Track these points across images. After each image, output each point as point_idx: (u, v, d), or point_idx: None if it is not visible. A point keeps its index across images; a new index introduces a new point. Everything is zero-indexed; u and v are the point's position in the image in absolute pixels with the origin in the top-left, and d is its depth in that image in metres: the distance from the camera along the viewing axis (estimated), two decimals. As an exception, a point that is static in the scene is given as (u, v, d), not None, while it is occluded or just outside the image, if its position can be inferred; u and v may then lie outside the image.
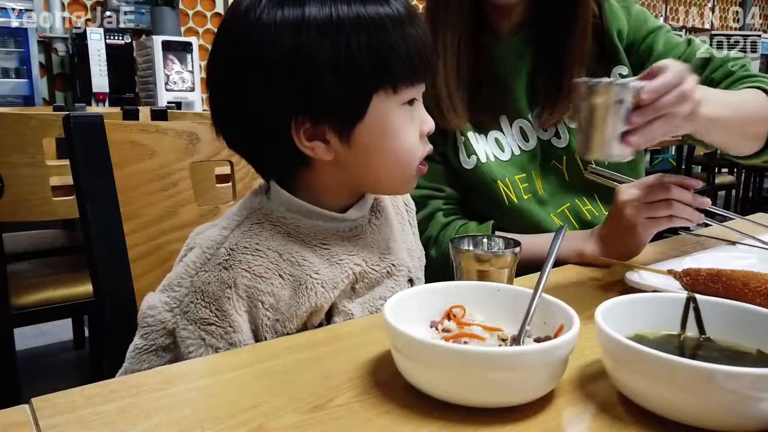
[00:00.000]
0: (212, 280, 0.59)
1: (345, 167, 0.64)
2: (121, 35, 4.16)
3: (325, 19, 0.58)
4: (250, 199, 0.68)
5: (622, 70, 1.01)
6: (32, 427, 0.43)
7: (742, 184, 5.11)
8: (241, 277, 0.60)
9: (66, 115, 0.74)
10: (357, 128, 0.62)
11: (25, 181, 1.45)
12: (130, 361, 0.62)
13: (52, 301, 1.56)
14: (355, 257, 0.67)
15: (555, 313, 0.52)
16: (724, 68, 0.95)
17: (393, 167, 0.65)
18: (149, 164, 0.81)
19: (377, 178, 0.66)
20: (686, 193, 0.79)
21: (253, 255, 0.61)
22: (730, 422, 0.42)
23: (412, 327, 0.51)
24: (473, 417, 0.44)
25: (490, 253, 0.66)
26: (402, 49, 0.60)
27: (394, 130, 0.63)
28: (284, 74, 0.59)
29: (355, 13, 0.59)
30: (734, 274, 0.65)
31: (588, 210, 1.03)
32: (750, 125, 0.83)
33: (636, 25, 1.02)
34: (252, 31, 0.59)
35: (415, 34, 0.62)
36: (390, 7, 0.61)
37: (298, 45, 0.58)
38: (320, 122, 0.61)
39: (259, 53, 0.59)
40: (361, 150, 0.63)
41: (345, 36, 0.58)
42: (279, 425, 0.43)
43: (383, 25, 0.60)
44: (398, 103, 0.63)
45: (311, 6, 0.58)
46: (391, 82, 0.61)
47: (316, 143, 0.62)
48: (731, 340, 0.51)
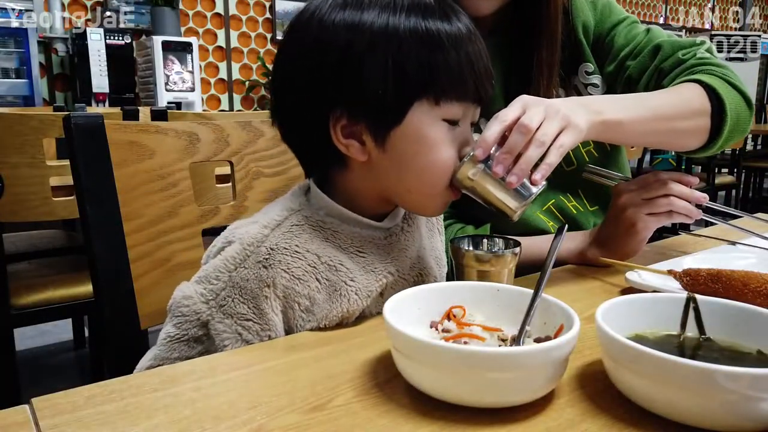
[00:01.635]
0: (251, 278, 0.60)
1: (378, 172, 0.65)
2: (121, 35, 4.16)
3: (381, 25, 0.60)
4: (290, 199, 0.68)
5: (587, 67, 1.01)
6: (32, 427, 0.43)
7: (742, 184, 5.11)
8: (279, 278, 0.60)
9: (66, 116, 0.73)
10: (393, 132, 0.62)
11: (25, 181, 1.45)
12: (162, 348, 0.62)
13: (52, 301, 1.56)
14: (389, 266, 0.67)
15: (555, 313, 0.52)
16: (675, 57, 0.92)
17: (423, 179, 0.64)
18: (149, 164, 0.81)
19: (407, 188, 0.65)
20: (684, 189, 0.79)
21: (292, 256, 0.62)
22: (730, 422, 0.42)
23: (412, 327, 0.51)
24: (473, 417, 0.44)
25: (490, 253, 0.66)
26: (453, 66, 0.61)
27: (430, 142, 0.63)
28: (331, 67, 0.61)
29: (412, 24, 0.60)
30: (734, 275, 0.65)
31: (573, 206, 1.03)
32: (677, 120, 0.81)
33: (601, 19, 1.01)
34: (311, 27, 0.63)
35: (472, 54, 0.62)
36: (450, 25, 0.62)
37: (350, 43, 0.60)
38: (358, 121, 0.62)
39: (313, 46, 0.62)
40: (394, 156, 0.63)
41: (396, 44, 0.60)
42: (279, 425, 0.43)
43: (439, 41, 0.61)
44: (439, 117, 0.62)
45: (371, 12, 0.61)
46: (435, 95, 0.61)
47: (352, 141, 0.63)
48: (731, 340, 0.51)
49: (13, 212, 1.46)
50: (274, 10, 5.16)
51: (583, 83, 1.02)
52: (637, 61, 0.95)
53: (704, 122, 0.84)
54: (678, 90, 0.85)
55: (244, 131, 0.93)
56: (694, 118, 0.83)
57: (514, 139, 0.62)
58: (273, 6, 5.16)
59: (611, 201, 0.86)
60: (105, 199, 0.76)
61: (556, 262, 0.60)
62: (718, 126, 0.84)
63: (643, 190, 0.81)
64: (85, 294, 1.59)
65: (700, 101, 0.83)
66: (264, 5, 5.16)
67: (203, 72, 4.88)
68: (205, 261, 0.66)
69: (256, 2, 5.12)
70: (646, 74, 0.94)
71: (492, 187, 0.63)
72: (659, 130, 0.80)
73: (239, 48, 5.08)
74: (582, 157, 1.01)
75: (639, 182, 0.82)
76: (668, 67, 0.92)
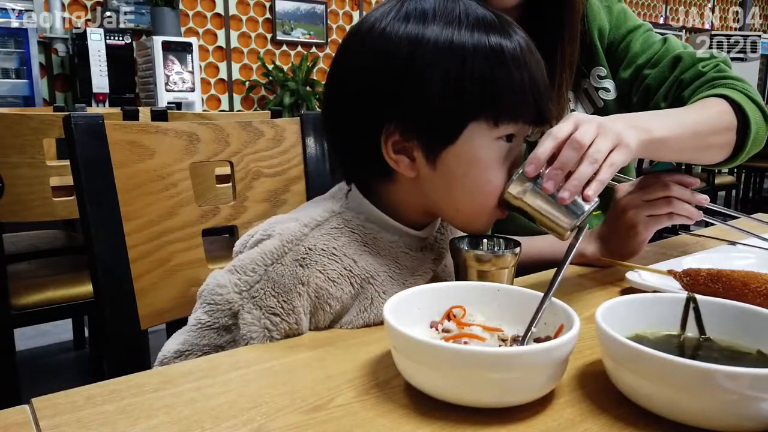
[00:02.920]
0: (287, 274, 0.60)
1: (426, 189, 0.64)
2: (121, 36, 4.16)
3: (444, 40, 0.59)
4: (331, 201, 0.68)
5: (600, 71, 1.01)
6: (32, 427, 0.43)
7: (742, 184, 5.11)
8: (314, 277, 0.61)
9: (66, 116, 0.74)
10: (445, 151, 0.61)
11: (25, 181, 1.45)
12: (191, 334, 0.62)
13: (52, 301, 1.56)
14: (419, 279, 0.67)
15: (555, 313, 0.52)
16: (695, 69, 0.93)
17: (472, 199, 0.64)
18: (149, 164, 0.81)
19: (456, 207, 0.65)
20: (685, 191, 0.80)
21: (329, 258, 0.62)
22: (730, 422, 0.42)
23: (412, 327, 0.51)
24: (473, 417, 0.44)
25: (491, 253, 0.66)
26: (515, 84, 0.60)
27: (483, 163, 0.62)
28: (390, 79, 0.60)
29: (476, 40, 0.59)
30: (734, 275, 0.65)
31: None
32: (711, 137, 0.82)
33: (617, 24, 1.01)
34: (372, 37, 0.62)
35: (533, 72, 0.62)
36: (511, 41, 0.61)
37: (411, 56, 0.59)
38: (410, 137, 0.62)
39: (373, 56, 0.61)
40: (444, 174, 0.62)
41: (460, 60, 0.59)
42: (279, 425, 0.43)
43: (501, 58, 0.60)
44: (494, 137, 0.62)
45: (435, 25, 0.60)
46: (494, 115, 0.60)
47: (402, 157, 0.63)
48: (731, 340, 0.51)
49: (13, 212, 1.47)
50: (274, 11, 5.16)
51: (594, 87, 1.02)
52: (657, 71, 0.96)
53: (732, 138, 0.85)
54: (708, 106, 0.85)
55: (244, 131, 0.93)
56: (724, 134, 0.84)
57: (567, 155, 0.61)
58: (273, 6, 5.16)
59: (612, 202, 0.86)
60: (105, 199, 0.76)
61: (555, 263, 0.60)
62: (742, 141, 0.85)
63: (643, 192, 0.81)
64: (85, 294, 1.60)
65: (729, 118, 0.84)
66: (264, 5, 5.16)
67: (203, 72, 4.87)
68: (239, 250, 0.66)
69: (257, 2, 5.12)
70: (665, 85, 0.95)
71: (543, 204, 0.62)
72: (696, 146, 0.80)
73: (239, 48, 5.08)
74: None
75: (640, 183, 0.82)
76: (688, 79, 0.93)
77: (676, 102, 0.93)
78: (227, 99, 5.08)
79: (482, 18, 0.61)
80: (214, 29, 4.95)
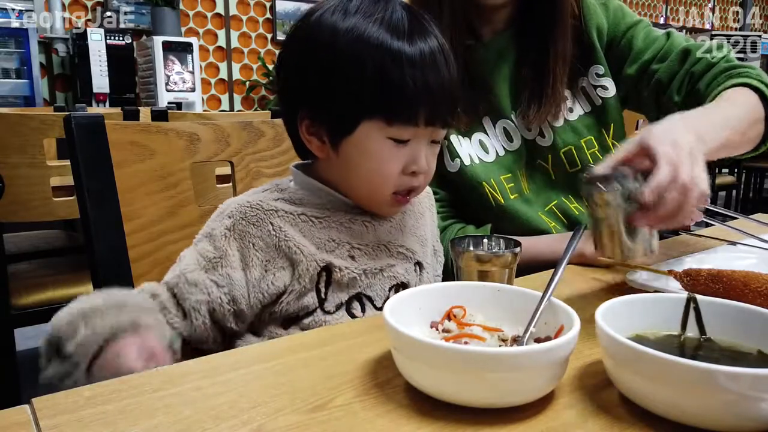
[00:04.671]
0: (216, 226, 0.68)
1: (335, 169, 0.70)
2: (121, 36, 4.16)
3: (350, 39, 0.63)
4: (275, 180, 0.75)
5: (598, 69, 1.02)
6: (33, 427, 0.43)
7: (743, 184, 5.11)
8: (237, 223, 0.67)
9: (66, 116, 0.74)
10: (345, 140, 0.67)
11: (26, 181, 1.46)
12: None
13: (52, 302, 1.56)
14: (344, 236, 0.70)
15: (555, 313, 0.52)
16: (704, 61, 0.94)
17: (366, 187, 0.69)
18: (150, 164, 0.81)
19: (356, 192, 0.71)
20: None
21: (252, 208, 0.68)
22: (730, 422, 0.42)
23: (413, 327, 0.51)
24: (473, 417, 0.44)
25: (491, 253, 0.66)
26: (408, 89, 0.63)
27: (374, 156, 0.67)
28: (302, 69, 0.67)
29: (379, 42, 0.63)
30: (735, 275, 0.65)
31: (575, 207, 1.03)
32: (748, 131, 0.84)
33: (615, 21, 1.02)
34: (305, 25, 0.68)
35: (430, 79, 0.64)
36: (413, 47, 0.63)
37: (323, 48, 0.65)
38: (318, 123, 0.68)
39: (297, 44, 0.69)
40: (345, 160, 0.68)
41: (360, 60, 0.63)
42: (279, 425, 0.43)
43: (398, 62, 0.62)
44: (386, 136, 0.66)
45: (350, 20, 0.64)
46: (385, 116, 0.64)
47: (313, 138, 0.69)
48: (731, 340, 0.51)
49: (14, 212, 1.47)
50: (275, 11, 5.16)
51: (592, 85, 1.02)
52: (666, 65, 0.97)
53: (762, 128, 0.87)
54: (740, 100, 0.86)
55: (245, 131, 0.93)
56: (756, 126, 0.86)
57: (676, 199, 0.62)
58: (273, 6, 5.16)
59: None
60: (105, 199, 0.76)
61: (555, 263, 0.60)
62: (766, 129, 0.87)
63: None
64: (85, 294, 1.59)
65: (758, 109, 0.86)
66: (264, 5, 5.16)
67: (203, 72, 4.88)
68: None
69: (257, 2, 5.12)
70: (677, 78, 0.96)
71: (622, 226, 0.64)
72: (736, 142, 0.81)
73: (240, 48, 5.09)
74: (586, 159, 1.01)
75: None
76: (699, 71, 0.94)
77: (691, 94, 0.94)
78: (227, 99, 5.08)
79: (394, 21, 0.64)
80: (215, 29, 4.95)
